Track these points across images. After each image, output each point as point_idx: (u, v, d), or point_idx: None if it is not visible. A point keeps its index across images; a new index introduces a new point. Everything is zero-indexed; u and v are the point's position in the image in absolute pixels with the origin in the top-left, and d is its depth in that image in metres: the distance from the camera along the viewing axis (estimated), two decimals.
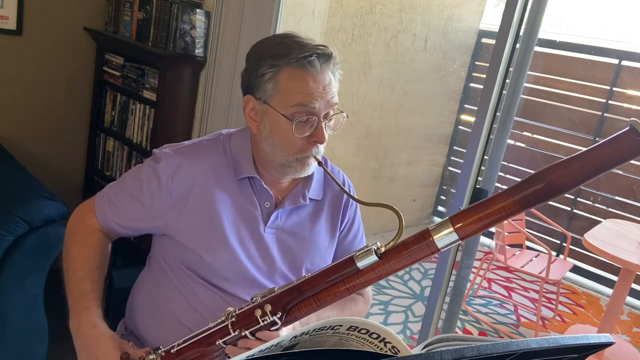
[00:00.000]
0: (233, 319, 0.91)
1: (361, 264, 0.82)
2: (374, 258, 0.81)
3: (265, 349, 0.68)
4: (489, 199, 0.75)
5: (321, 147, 1.08)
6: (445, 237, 0.76)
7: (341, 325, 0.73)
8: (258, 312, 0.89)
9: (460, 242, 0.77)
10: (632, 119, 0.67)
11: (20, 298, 1.77)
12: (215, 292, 1.11)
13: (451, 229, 0.75)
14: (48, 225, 1.76)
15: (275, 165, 1.11)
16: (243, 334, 0.90)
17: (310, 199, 1.18)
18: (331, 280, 0.85)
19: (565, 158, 0.70)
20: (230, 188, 1.12)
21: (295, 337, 0.71)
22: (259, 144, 1.11)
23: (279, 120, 1.05)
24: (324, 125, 1.05)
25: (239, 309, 0.92)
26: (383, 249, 0.81)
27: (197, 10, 2.20)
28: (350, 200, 1.24)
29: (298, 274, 1.17)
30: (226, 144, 1.16)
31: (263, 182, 1.13)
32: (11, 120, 2.53)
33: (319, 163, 1.08)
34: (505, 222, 3.19)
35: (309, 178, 1.18)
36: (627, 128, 0.66)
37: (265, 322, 0.89)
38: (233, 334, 0.91)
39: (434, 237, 0.76)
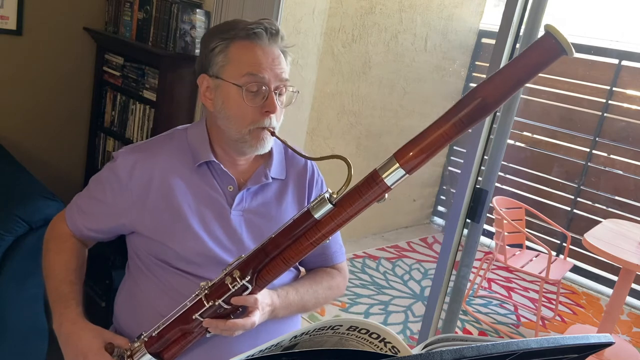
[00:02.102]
0: (206, 292, 0.94)
1: (318, 214, 0.84)
2: (329, 206, 0.83)
3: (265, 349, 0.68)
4: (427, 129, 0.78)
5: (274, 120, 1.09)
6: (393, 174, 0.79)
7: (341, 325, 0.74)
8: (228, 280, 0.92)
9: (407, 175, 0.79)
10: (546, 23, 0.70)
11: (20, 298, 1.77)
12: (189, 278, 1.12)
13: (397, 165, 0.78)
14: (48, 225, 1.76)
15: (231, 143, 1.12)
16: (217, 303, 0.93)
17: (273, 178, 1.19)
18: (293, 236, 0.88)
19: (490, 75, 0.73)
20: (189, 176, 1.13)
21: (295, 337, 0.71)
22: (216, 124, 1.13)
23: (230, 91, 1.07)
24: (274, 96, 1.07)
25: (210, 282, 0.96)
26: (335, 196, 0.84)
27: (197, 10, 2.20)
28: (315, 177, 1.27)
29: None
30: (182, 136, 1.18)
31: (222, 165, 1.14)
32: (11, 120, 2.53)
33: (271, 133, 1.09)
34: (505, 222, 3.19)
35: (269, 158, 1.19)
36: (544, 33, 0.70)
37: (236, 288, 0.92)
38: (207, 306, 0.94)
39: (383, 177, 0.79)
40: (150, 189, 1.11)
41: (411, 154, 0.77)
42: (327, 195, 0.83)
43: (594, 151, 4.15)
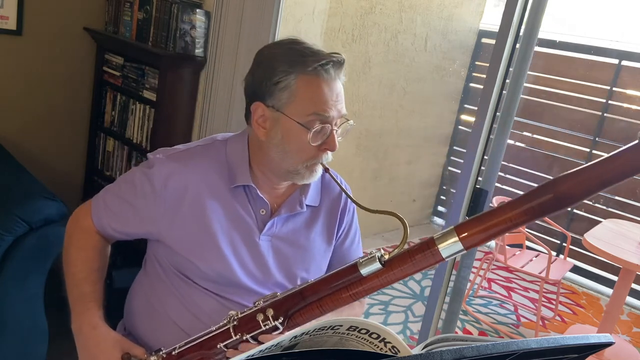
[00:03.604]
0: (235, 323, 0.91)
1: (365, 271, 0.81)
2: (377, 265, 0.80)
3: (265, 349, 0.68)
4: (496, 209, 0.73)
5: (330, 155, 1.07)
6: (450, 247, 0.74)
7: (341, 325, 0.73)
8: (260, 317, 0.89)
9: (464, 251, 0.75)
10: None
11: (20, 298, 1.77)
12: (210, 295, 1.11)
13: (456, 238, 0.74)
14: (48, 225, 1.76)
15: (280, 172, 1.10)
16: (245, 338, 0.90)
17: (307, 205, 1.17)
18: (334, 287, 0.84)
19: (573, 170, 0.69)
20: (224, 196, 1.11)
21: (295, 337, 0.71)
22: (265, 151, 1.09)
23: (292, 128, 1.03)
24: (335, 135, 1.05)
25: (241, 313, 0.92)
26: (387, 257, 0.80)
27: (197, 10, 2.20)
28: (348, 206, 1.24)
29: (293, 281, 1.16)
30: (221, 150, 1.14)
31: (258, 191, 1.12)
32: (11, 120, 2.53)
33: (325, 169, 1.07)
34: None
35: (306, 184, 1.17)
36: (637, 142, 0.65)
37: (267, 327, 0.88)
38: (235, 338, 0.90)
39: (439, 247, 0.75)
40: (183, 202, 1.09)
41: (473, 230, 0.73)
42: (378, 254, 0.80)
43: (594, 151, 4.15)
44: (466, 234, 0.73)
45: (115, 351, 1.00)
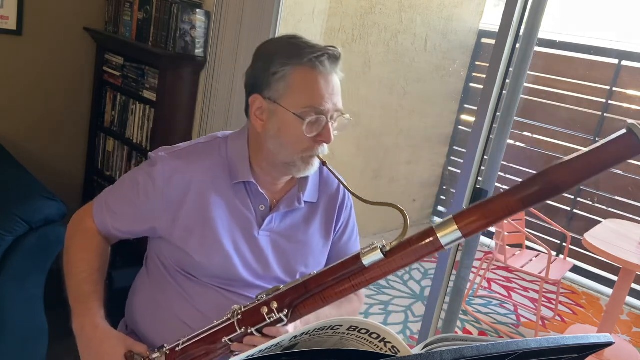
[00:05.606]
0: (239, 317, 0.92)
1: (367, 261, 0.83)
2: (379, 256, 0.82)
3: (266, 349, 0.68)
4: (493, 198, 0.77)
5: (326, 147, 1.08)
6: (449, 235, 0.78)
7: (341, 325, 0.74)
8: (264, 310, 0.90)
9: (463, 239, 0.79)
10: (630, 122, 0.71)
11: (20, 298, 1.77)
12: (213, 289, 1.12)
13: (455, 227, 0.77)
14: (48, 225, 1.76)
15: (277, 165, 1.11)
16: (249, 331, 0.91)
17: (305, 201, 1.18)
18: (337, 278, 0.86)
19: (565, 159, 0.73)
20: (225, 192, 1.12)
21: (295, 337, 0.71)
22: (262, 143, 1.11)
23: (288, 119, 1.05)
24: (330, 127, 1.06)
25: (244, 307, 0.93)
26: (388, 247, 0.83)
27: (197, 10, 2.20)
28: (345, 202, 1.25)
29: (292, 276, 1.17)
30: (222, 147, 1.16)
31: (259, 187, 1.13)
32: (11, 120, 2.53)
33: (323, 163, 1.08)
34: (505, 222, 3.19)
35: (304, 180, 1.18)
36: (625, 131, 0.70)
37: (272, 319, 0.90)
38: (239, 332, 0.92)
39: (439, 235, 0.78)
40: (186, 198, 1.10)
41: (471, 219, 0.77)
42: (380, 245, 0.83)
43: None
44: (464, 222, 0.77)
45: (119, 349, 1.00)
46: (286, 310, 0.89)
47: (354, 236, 1.29)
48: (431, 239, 0.79)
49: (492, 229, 3.50)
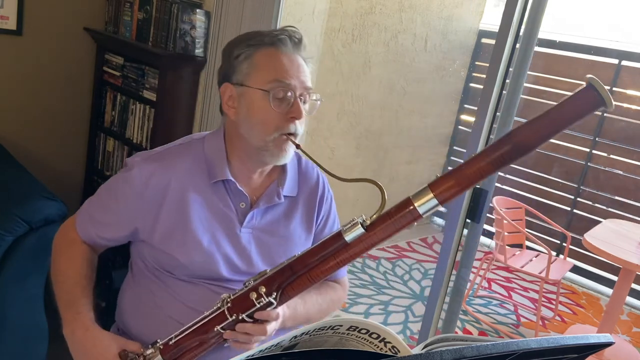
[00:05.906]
0: (229, 305, 0.94)
1: (349, 237, 0.85)
2: (360, 230, 0.84)
3: (266, 349, 0.68)
4: (464, 164, 0.79)
5: (299, 127, 1.08)
6: (426, 204, 0.80)
7: (341, 325, 0.74)
8: (253, 295, 0.92)
9: (439, 206, 0.81)
10: (589, 76, 0.73)
11: (20, 298, 1.77)
12: (199, 284, 1.13)
13: (431, 195, 0.80)
14: (48, 225, 1.76)
15: (252, 153, 1.11)
16: (240, 317, 0.93)
17: (284, 196, 1.19)
18: (322, 257, 0.88)
19: (528, 120, 0.76)
20: (204, 191, 1.12)
21: (295, 337, 0.71)
22: (237, 132, 1.12)
23: (255, 97, 1.07)
24: (300, 103, 1.07)
25: (233, 295, 0.95)
26: (369, 221, 0.85)
27: (197, 10, 2.20)
28: (325, 194, 1.27)
29: None
30: (199, 147, 1.16)
31: (237, 184, 1.13)
32: (11, 120, 2.53)
33: (297, 145, 1.08)
34: (505, 222, 3.19)
35: (283, 174, 1.19)
36: (585, 85, 0.73)
37: (262, 304, 0.92)
38: (230, 319, 0.93)
39: (416, 204, 0.81)
40: (165, 199, 1.10)
41: (446, 185, 0.79)
42: (360, 220, 0.85)
43: (594, 151, 4.15)
44: (440, 189, 0.80)
45: (112, 349, 1.01)
46: (275, 294, 0.91)
47: (335, 228, 1.30)
48: (409, 208, 0.81)
49: (492, 229, 3.50)
